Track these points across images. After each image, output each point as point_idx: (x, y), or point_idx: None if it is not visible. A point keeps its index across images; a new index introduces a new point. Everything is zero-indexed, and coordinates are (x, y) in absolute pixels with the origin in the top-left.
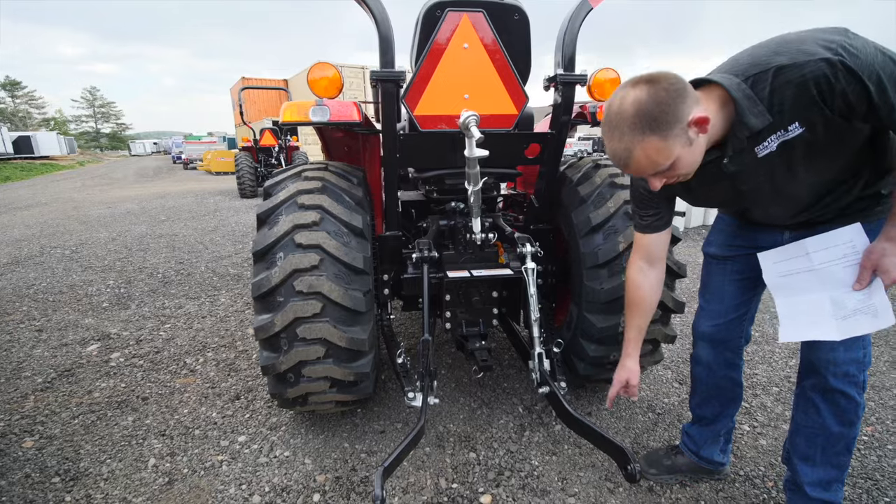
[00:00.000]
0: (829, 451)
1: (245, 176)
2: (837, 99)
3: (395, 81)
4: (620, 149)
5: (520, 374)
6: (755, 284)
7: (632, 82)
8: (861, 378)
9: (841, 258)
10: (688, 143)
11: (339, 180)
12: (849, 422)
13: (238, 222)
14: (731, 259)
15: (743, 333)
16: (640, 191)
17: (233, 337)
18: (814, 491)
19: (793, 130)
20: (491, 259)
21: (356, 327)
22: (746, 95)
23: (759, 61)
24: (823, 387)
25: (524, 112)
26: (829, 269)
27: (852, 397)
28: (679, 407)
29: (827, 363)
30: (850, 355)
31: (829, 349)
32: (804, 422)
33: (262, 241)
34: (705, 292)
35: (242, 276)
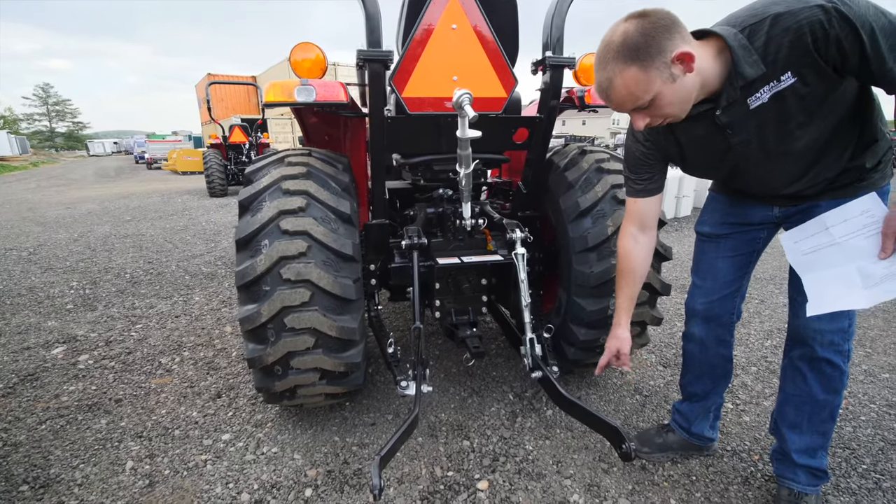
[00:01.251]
0: (815, 418)
1: (214, 174)
2: (831, 47)
3: (383, 62)
4: (604, 78)
5: (508, 362)
6: (747, 262)
7: (625, 17)
8: (846, 347)
9: (861, 229)
10: (670, 80)
11: (324, 166)
12: (834, 389)
13: (209, 221)
14: (724, 237)
15: (735, 310)
16: (634, 153)
17: (210, 335)
18: (800, 458)
19: (785, 81)
20: (480, 246)
21: (346, 316)
22: (742, 45)
23: (756, 12)
24: (811, 356)
25: (513, 95)
26: (852, 242)
27: (837, 365)
28: (665, 389)
29: (814, 333)
30: (836, 325)
31: (816, 319)
32: (792, 391)
33: (245, 228)
34: (698, 270)
35: (217, 274)
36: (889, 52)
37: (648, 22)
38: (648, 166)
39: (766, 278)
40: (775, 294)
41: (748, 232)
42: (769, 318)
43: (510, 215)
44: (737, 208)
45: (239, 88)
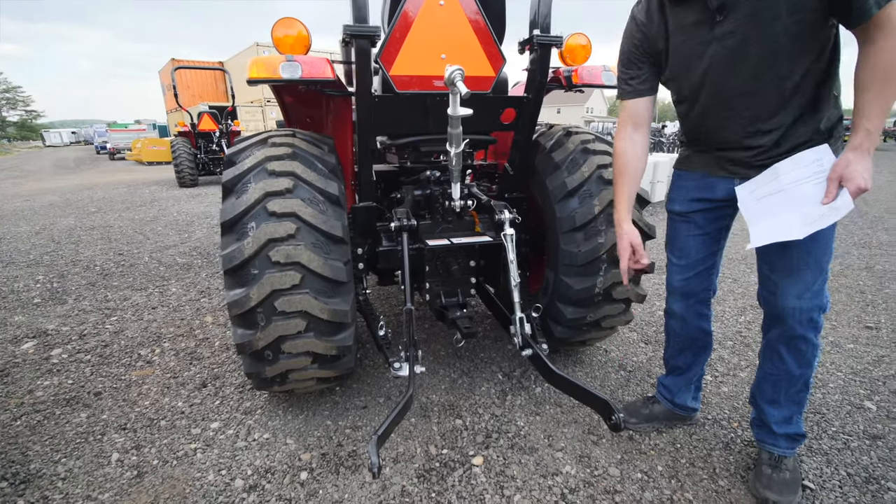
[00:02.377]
0: (791, 391)
1: (184, 164)
2: None
3: (370, 38)
4: None
5: (496, 343)
6: (717, 239)
7: None
8: (820, 322)
9: (811, 176)
10: None
11: (309, 147)
12: (807, 363)
13: (180, 211)
14: (693, 214)
15: (710, 286)
16: (628, 41)
17: (190, 326)
18: (780, 427)
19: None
20: (468, 228)
21: (337, 298)
22: None
23: None
24: (788, 335)
25: (500, 75)
26: (799, 189)
27: (811, 340)
28: (647, 364)
29: (793, 311)
30: (816, 302)
31: (796, 297)
32: (770, 370)
33: (230, 210)
34: (673, 249)
35: (193, 264)
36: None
37: None
38: (638, 63)
39: (738, 258)
40: (746, 273)
41: (714, 210)
42: (742, 296)
43: (497, 197)
44: (701, 184)
45: (206, 75)
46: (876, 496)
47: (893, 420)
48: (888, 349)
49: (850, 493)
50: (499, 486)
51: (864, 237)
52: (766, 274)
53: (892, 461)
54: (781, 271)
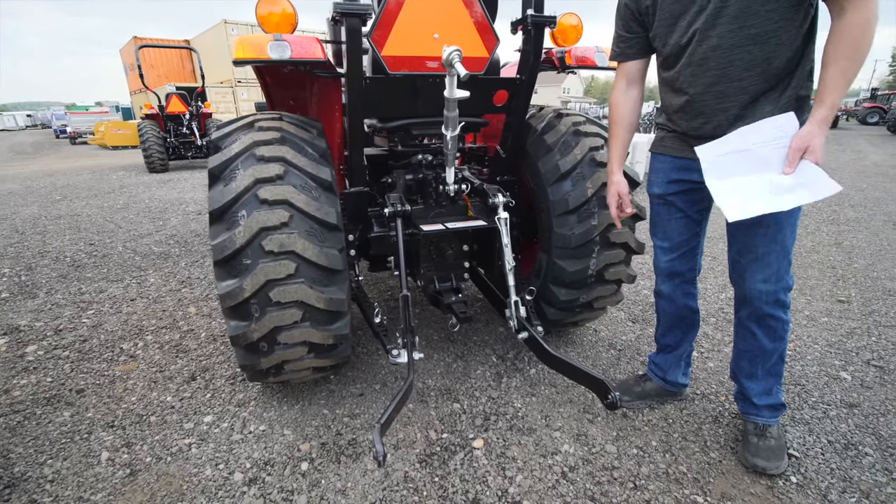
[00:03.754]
0: (767, 364)
1: (153, 148)
2: None
3: (361, 17)
4: None
5: (488, 326)
6: (698, 220)
7: None
8: (787, 300)
9: (772, 140)
10: None
11: (297, 130)
12: (779, 338)
13: (152, 198)
14: (671, 196)
15: (695, 265)
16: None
17: (173, 318)
18: (760, 399)
19: None
20: (461, 212)
21: (333, 287)
22: None
23: None
24: (758, 314)
25: (493, 56)
26: (761, 151)
27: (780, 317)
28: (636, 343)
29: (760, 293)
30: (782, 284)
31: (762, 281)
32: (744, 346)
33: (218, 198)
34: (657, 232)
35: (170, 254)
36: None
37: None
38: (628, 26)
39: (717, 237)
40: (725, 252)
41: (692, 191)
42: (722, 274)
43: (488, 181)
44: (677, 164)
45: (171, 54)
46: (854, 461)
47: (867, 388)
48: (859, 321)
49: (831, 460)
50: (500, 468)
51: (832, 214)
52: (734, 257)
53: (867, 427)
54: (749, 255)
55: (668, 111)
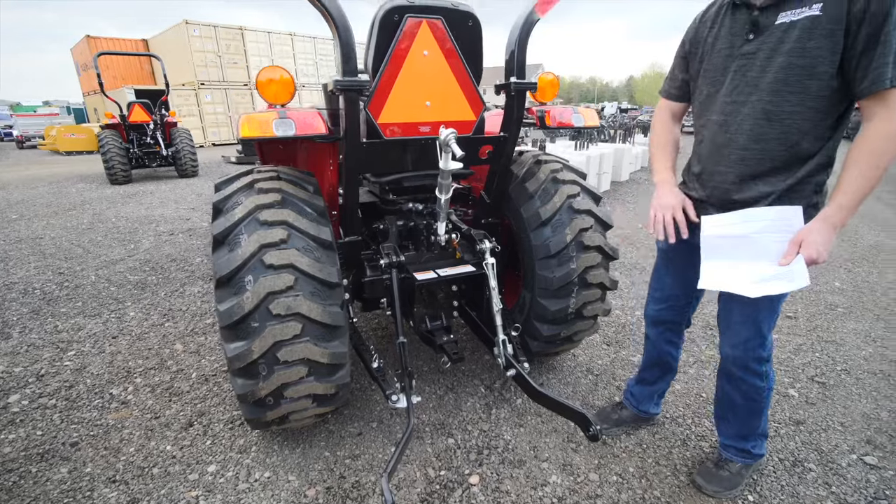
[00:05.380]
0: (739, 413)
1: (114, 159)
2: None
3: (360, 90)
4: None
5: (473, 355)
6: (692, 280)
7: None
8: (762, 369)
9: (775, 232)
10: None
11: (297, 190)
12: (751, 399)
13: (119, 216)
14: (670, 253)
15: (683, 319)
16: (679, 51)
17: (160, 356)
18: (728, 440)
19: (815, 9)
20: (450, 256)
21: (336, 341)
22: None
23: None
24: (727, 371)
25: (480, 117)
26: (760, 240)
27: (749, 381)
28: (611, 366)
29: (727, 355)
30: (751, 354)
31: (731, 346)
32: (719, 392)
33: (224, 265)
34: (653, 279)
35: (147, 282)
36: (893, 51)
37: None
38: (678, 69)
39: None
40: None
41: (691, 253)
42: None
43: (473, 222)
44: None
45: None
46: (801, 477)
47: (811, 405)
48: (804, 337)
49: (781, 477)
50: (496, 503)
51: None
52: (719, 313)
53: (811, 444)
54: (724, 320)
55: (687, 166)
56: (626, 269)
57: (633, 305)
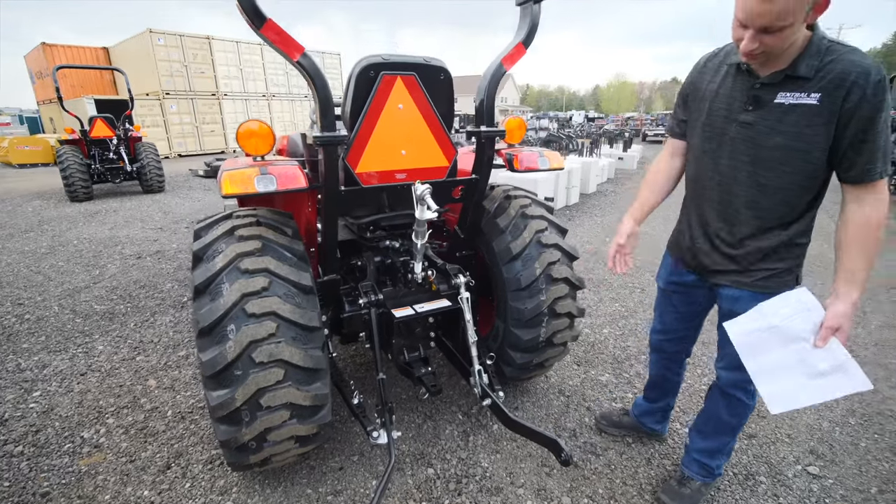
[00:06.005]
0: (719, 429)
1: (75, 175)
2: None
3: (339, 144)
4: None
5: (451, 380)
6: (691, 318)
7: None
8: (752, 388)
9: (798, 313)
10: (802, 19)
11: (276, 235)
12: (738, 415)
13: (81, 238)
14: (669, 293)
15: (684, 350)
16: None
17: (132, 394)
18: (698, 455)
19: (811, 98)
20: (427, 290)
21: (318, 383)
22: (818, 48)
23: (843, 43)
24: (721, 389)
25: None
26: (790, 325)
27: (742, 400)
28: (581, 387)
29: (720, 375)
30: (739, 375)
31: (723, 368)
32: (707, 406)
33: (207, 316)
34: (656, 313)
35: (115, 312)
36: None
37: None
38: (681, 112)
39: (642, 266)
40: (652, 282)
41: (687, 294)
42: (650, 307)
43: (449, 255)
44: (675, 269)
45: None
46: (752, 490)
47: (762, 418)
48: None
49: (736, 491)
50: None
51: None
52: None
53: (762, 457)
54: (721, 346)
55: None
56: (593, 285)
57: (601, 323)
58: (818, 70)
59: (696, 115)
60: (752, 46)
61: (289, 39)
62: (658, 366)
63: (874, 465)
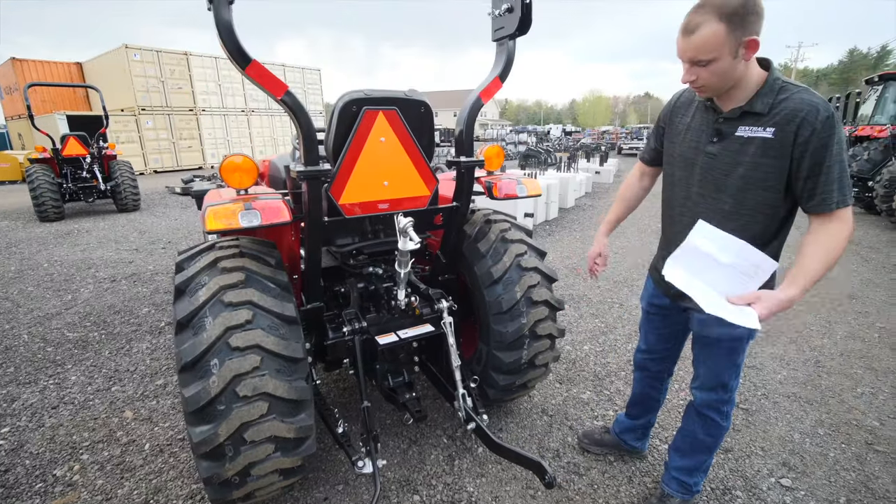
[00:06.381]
0: (695, 448)
1: (45, 195)
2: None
3: (322, 178)
4: (694, 21)
5: (435, 403)
6: (671, 338)
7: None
8: (725, 409)
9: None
10: (733, 54)
11: (260, 266)
12: (713, 435)
13: (52, 260)
14: (652, 315)
15: (665, 369)
16: (655, 125)
17: (108, 427)
18: (678, 473)
19: (766, 132)
20: (410, 315)
21: (302, 414)
22: (771, 87)
23: (799, 83)
24: (696, 408)
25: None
26: (728, 273)
27: (716, 421)
28: (564, 406)
29: (697, 398)
30: (713, 395)
31: (697, 388)
32: (684, 425)
33: (189, 351)
34: (640, 332)
35: (89, 340)
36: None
37: (753, 2)
38: (654, 140)
39: (620, 280)
40: (630, 297)
41: (667, 315)
42: (629, 322)
43: (431, 279)
44: (655, 291)
45: (60, 75)
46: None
47: (737, 432)
48: None
49: None
50: None
51: None
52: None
53: (738, 471)
54: (695, 367)
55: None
56: (573, 301)
57: (582, 339)
58: (772, 107)
59: (671, 147)
60: (688, 77)
61: (272, 79)
62: (641, 384)
63: (842, 475)
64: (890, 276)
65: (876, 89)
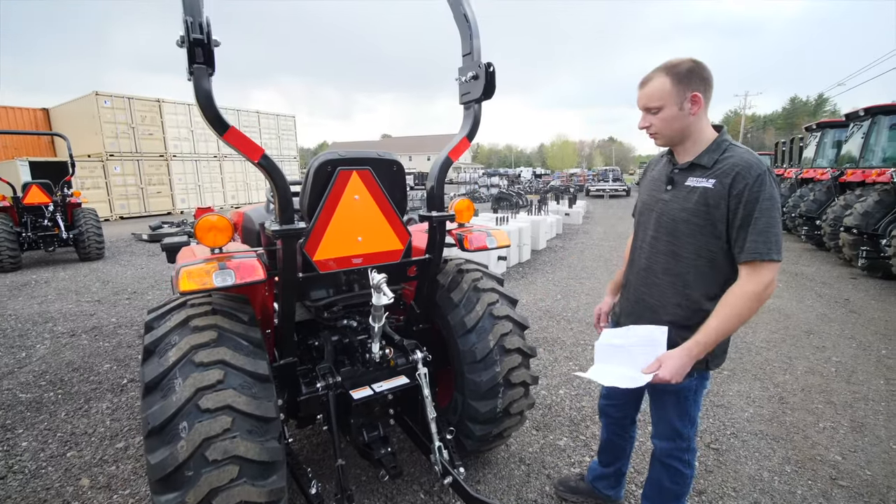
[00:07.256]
0: (665, 497)
1: (2, 244)
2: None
3: (297, 236)
4: (650, 76)
5: (412, 456)
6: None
7: (696, 60)
8: (686, 457)
9: (644, 345)
10: (678, 106)
11: (232, 324)
12: (677, 483)
13: (5, 314)
14: None
15: (627, 416)
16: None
17: (62, 497)
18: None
19: (708, 182)
20: (385, 367)
21: (274, 476)
22: (718, 145)
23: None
24: (660, 460)
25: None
26: (633, 351)
27: (679, 469)
28: (541, 453)
29: (657, 447)
30: (672, 445)
31: (656, 437)
32: (651, 475)
33: (158, 415)
34: None
35: (43, 401)
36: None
37: (700, 68)
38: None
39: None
40: None
41: None
42: None
43: (406, 329)
44: None
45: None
46: None
47: (709, 473)
48: None
49: None
50: None
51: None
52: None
53: None
54: (652, 418)
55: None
56: (547, 344)
57: (557, 384)
58: (716, 162)
59: (640, 195)
60: (643, 124)
61: (249, 143)
62: (608, 430)
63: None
64: (842, 310)
65: (815, 136)
